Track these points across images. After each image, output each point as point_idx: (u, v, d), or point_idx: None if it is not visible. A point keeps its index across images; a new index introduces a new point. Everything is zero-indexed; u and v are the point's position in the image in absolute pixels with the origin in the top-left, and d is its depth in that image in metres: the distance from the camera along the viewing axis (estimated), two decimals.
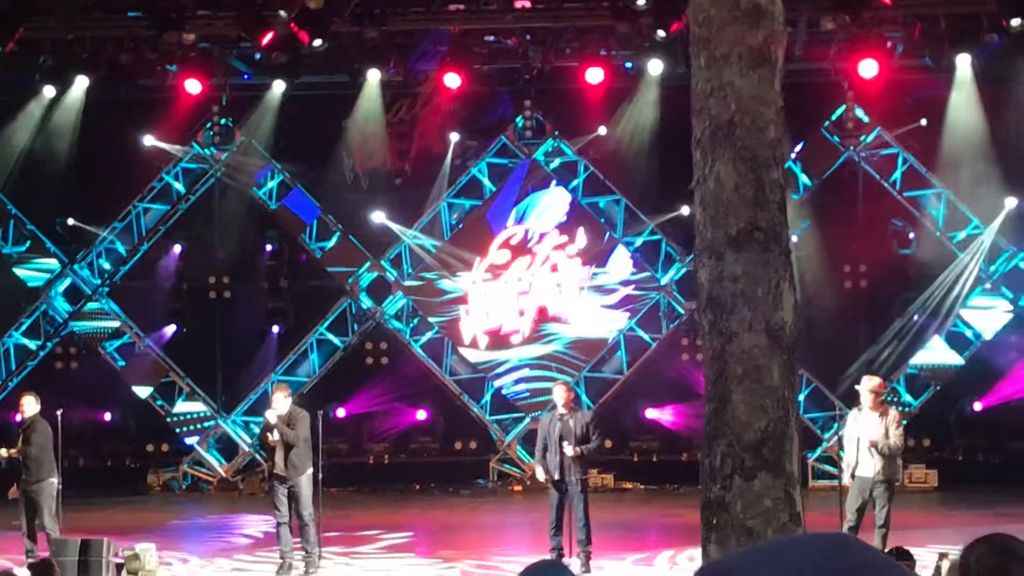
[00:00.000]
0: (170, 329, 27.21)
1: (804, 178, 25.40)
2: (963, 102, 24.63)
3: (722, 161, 7.39)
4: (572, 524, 16.01)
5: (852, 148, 25.49)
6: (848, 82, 24.89)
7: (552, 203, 26.38)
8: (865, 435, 14.89)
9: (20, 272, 27.01)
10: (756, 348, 7.26)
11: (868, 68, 23.99)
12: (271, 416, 16.08)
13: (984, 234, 25.05)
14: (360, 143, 26.22)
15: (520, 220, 26.39)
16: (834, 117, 25.53)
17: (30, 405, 16.83)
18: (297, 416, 16.09)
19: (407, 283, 26.62)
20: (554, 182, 26.42)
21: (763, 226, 7.31)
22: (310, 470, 16.08)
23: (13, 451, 16.82)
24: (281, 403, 16.15)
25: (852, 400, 15.86)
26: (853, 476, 15.03)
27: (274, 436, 15.92)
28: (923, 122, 24.92)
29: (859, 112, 25.44)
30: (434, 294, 26.58)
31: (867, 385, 15.24)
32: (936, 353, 25.46)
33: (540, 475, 16.41)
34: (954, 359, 25.42)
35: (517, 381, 26.38)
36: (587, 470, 16.51)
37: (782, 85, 7.71)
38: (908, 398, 25.37)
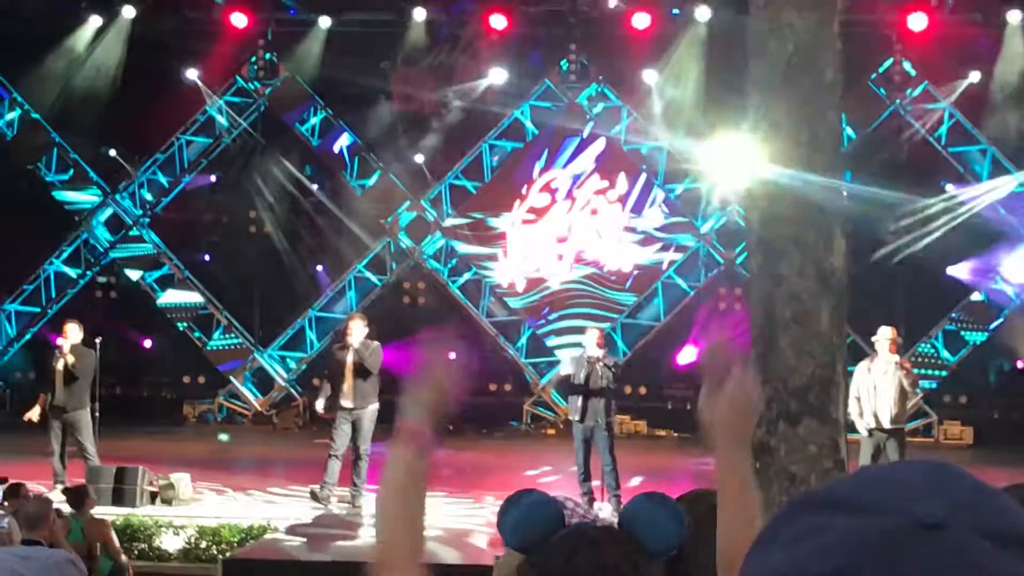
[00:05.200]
0: (206, 257, 27.38)
1: (849, 130, 25.20)
2: (1012, 58, 24.43)
3: (778, 103, 7.31)
4: (599, 469, 15.93)
5: (898, 101, 25.29)
6: (896, 35, 24.69)
7: (588, 149, 26.27)
8: (882, 385, 14.88)
9: (61, 197, 27.12)
10: (805, 292, 7.21)
11: (917, 21, 23.81)
12: (356, 336, 15.97)
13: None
14: (401, 84, 26.15)
15: (551, 164, 26.27)
16: (881, 70, 25.30)
17: (73, 332, 16.94)
18: (371, 347, 15.96)
19: (446, 223, 26.60)
20: (590, 127, 26.31)
21: (818, 169, 7.25)
22: (376, 404, 15.96)
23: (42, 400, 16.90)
24: (358, 330, 16.03)
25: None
26: (872, 429, 15.02)
27: (349, 358, 15.84)
28: (973, 78, 24.71)
29: (907, 65, 25.22)
30: (473, 235, 26.53)
31: (887, 334, 15.20)
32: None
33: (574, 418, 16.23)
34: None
35: (551, 311, 26.40)
36: (611, 413, 16.20)
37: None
38: (946, 354, 25.25)
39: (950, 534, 1.01)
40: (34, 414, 16.85)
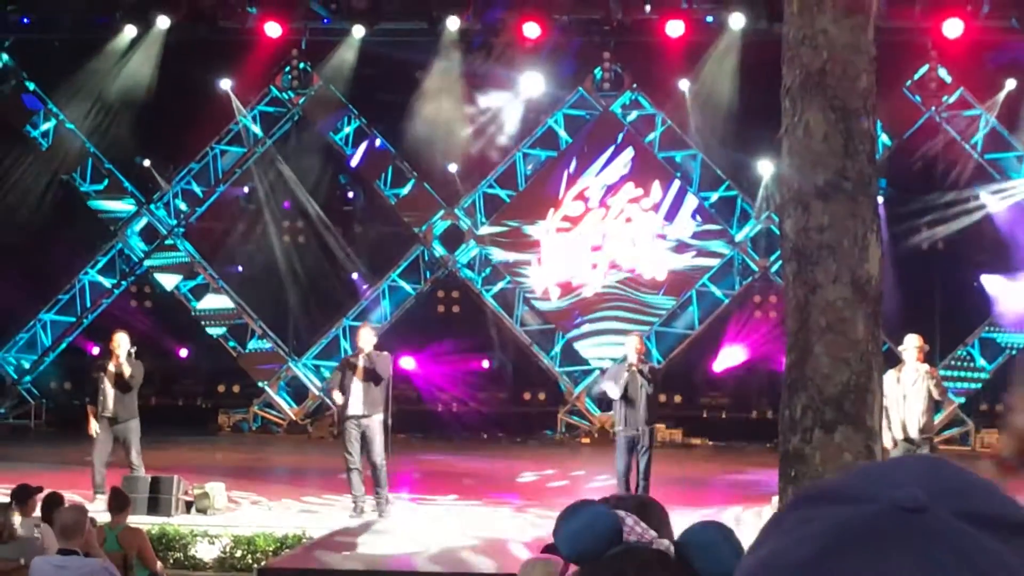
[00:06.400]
0: (239, 268, 27.47)
1: (884, 137, 25.12)
2: None
3: (812, 110, 7.28)
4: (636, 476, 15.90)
5: (934, 108, 25.19)
6: (932, 41, 24.59)
7: (621, 157, 26.26)
8: (911, 394, 14.81)
9: (96, 206, 27.24)
10: (841, 300, 7.17)
11: (953, 28, 23.72)
12: (366, 344, 16.03)
13: None
14: (434, 93, 26.17)
15: (584, 172, 26.26)
16: (916, 77, 25.20)
17: (124, 342, 16.94)
18: (382, 355, 16.06)
19: (480, 232, 26.61)
20: (624, 135, 26.30)
21: (851, 176, 7.22)
22: (382, 415, 16.05)
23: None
24: (368, 339, 16.10)
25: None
26: (904, 438, 14.94)
27: (360, 363, 15.87)
28: (1010, 86, 24.61)
29: (942, 72, 25.12)
30: (507, 243, 26.54)
31: (914, 342, 15.14)
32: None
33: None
34: None
35: (582, 316, 26.39)
36: (653, 420, 16.27)
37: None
38: (982, 362, 25.12)
39: (928, 517, 1.05)
40: (94, 428, 16.81)
